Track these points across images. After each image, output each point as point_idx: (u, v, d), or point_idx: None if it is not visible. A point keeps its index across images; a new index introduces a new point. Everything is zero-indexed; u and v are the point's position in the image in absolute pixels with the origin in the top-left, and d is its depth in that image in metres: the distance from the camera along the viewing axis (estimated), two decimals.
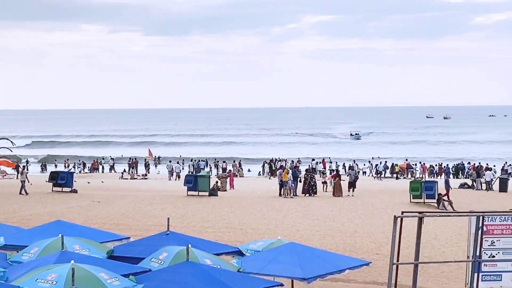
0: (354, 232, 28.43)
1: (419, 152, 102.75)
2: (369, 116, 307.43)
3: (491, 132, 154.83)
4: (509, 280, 13.85)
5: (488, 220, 13.61)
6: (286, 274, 13.83)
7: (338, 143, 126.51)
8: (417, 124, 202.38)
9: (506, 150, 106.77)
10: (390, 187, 50.53)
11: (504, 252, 13.68)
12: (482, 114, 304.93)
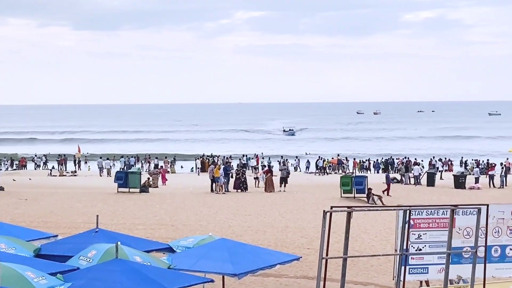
0: (286, 227, 28.59)
1: (351, 147, 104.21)
2: (302, 112, 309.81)
3: (419, 128, 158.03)
4: (436, 273, 14.15)
5: (415, 214, 13.87)
6: (217, 270, 13.80)
7: (271, 139, 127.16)
8: (348, 120, 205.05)
9: (433, 145, 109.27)
10: (321, 182, 51.01)
11: (431, 245, 13.96)
12: (411, 110, 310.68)
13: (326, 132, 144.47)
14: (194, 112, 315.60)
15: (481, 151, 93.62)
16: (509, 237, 15.35)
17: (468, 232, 14.55)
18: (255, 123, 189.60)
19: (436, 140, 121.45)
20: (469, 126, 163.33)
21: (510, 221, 15.39)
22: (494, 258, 15.18)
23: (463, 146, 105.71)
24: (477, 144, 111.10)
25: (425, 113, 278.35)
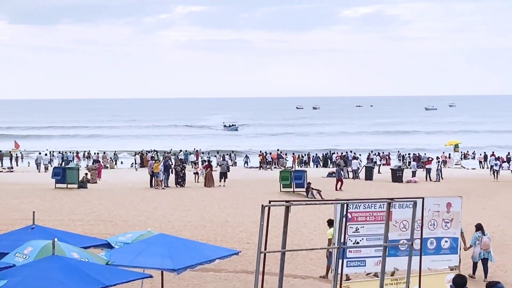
0: (225, 222, 28.61)
1: (291, 142, 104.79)
2: (242, 107, 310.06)
3: (358, 122, 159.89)
4: (373, 265, 14.32)
5: (352, 208, 13.99)
6: (156, 266, 13.71)
7: (212, 135, 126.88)
8: (288, 115, 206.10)
9: (371, 139, 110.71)
10: (261, 177, 51.17)
11: (368, 239, 14.11)
12: (350, 105, 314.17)
13: (267, 128, 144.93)
14: (132, 107, 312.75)
15: (418, 145, 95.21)
16: (444, 229, 15.63)
17: (404, 225, 14.75)
18: (195, 118, 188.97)
19: (374, 134, 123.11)
20: (406, 120, 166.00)
21: (445, 213, 15.68)
22: (429, 251, 15.44)
23: (401, 140, 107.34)
24: (415, 138, 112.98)
25: (363, 107, 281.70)
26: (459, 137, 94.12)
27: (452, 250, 15.74)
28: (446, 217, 15.68)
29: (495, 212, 33.08)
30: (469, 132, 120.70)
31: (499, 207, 34.70)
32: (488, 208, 34.29)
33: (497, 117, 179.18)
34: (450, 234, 15.71)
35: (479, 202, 36.46)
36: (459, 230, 15.93)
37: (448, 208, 15.70)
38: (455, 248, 15.79)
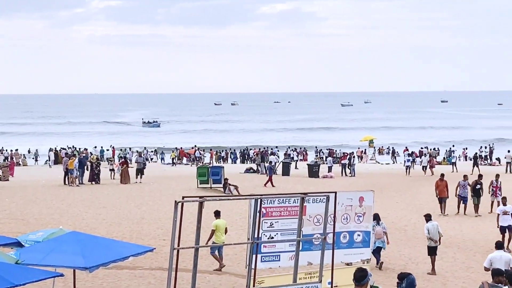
0: (141, 219, 28.30)
1: (210, 138, 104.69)
2: (160, 103, 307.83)
3: (276, 118, 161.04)
4: (287, 260, 14.41)
5: (267, 203, 14.04)
6: (67, 264, 13.41)
7: (133, 132, 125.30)
8: (206, 111, 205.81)
9: (289, 135, 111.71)
10: (178, 173, 50.90)
11: (282, 233, 14.19)
12: (268, 101, 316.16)
13: (187, 124, 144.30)
14: (46, 103, 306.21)
15: (335, 141, 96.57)
16: (357, 223, 15.89)
17: (318, 219, 14.90)
18: (112, 114, 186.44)
19: (292, 130, 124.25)
20: (323, 116, 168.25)
21: (358, 208, 15.93)
22: (342, 244, 15.68)
23: (318, 136, 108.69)
24: (331, 134, 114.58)
25: (281, 103, 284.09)
26: (374, 133, 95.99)
27: (365, 244, 16.02)
28: (359, 211, 15.94)
29: (407, 206, 33.82)
30: (384, 128, 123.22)
31: (411, 201, 35.50)
32: (401, 203, 35.04)
33: (410, 113, 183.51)
34: (363, 228, 15.98)
35: (393, 196, 37.21)
36: (371, 223, 16.23)
37: (360, 202, 15.96)
38: (367, 242, 16.08)
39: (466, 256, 22.82)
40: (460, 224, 28.56)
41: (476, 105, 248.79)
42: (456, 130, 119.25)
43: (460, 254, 23.04)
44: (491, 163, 62.53)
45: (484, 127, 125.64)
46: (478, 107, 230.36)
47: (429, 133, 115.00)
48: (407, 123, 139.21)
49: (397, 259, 22.34)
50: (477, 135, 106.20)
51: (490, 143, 78.79)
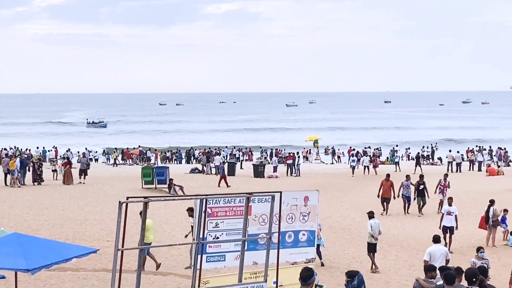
0: (85, 220, 27.95)
1: (157, 139, 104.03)
2: (104, 103, 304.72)
3: (221, 119, 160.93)
4: (232, 260, 14.36)
5: (212, 203, 13.98)
6: (9, 266, 13.16)
7: (76, 132, 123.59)
8: (151, 111, 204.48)
9: (234, 135, 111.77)
10: (123, 174, 50.47)
11: (228, 233, 14.13)
12: (213, 101, 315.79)
13: (131, 125, 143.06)
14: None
15: (280, 140, 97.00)
16: (302, 222, 15.94)
17: (263, 219, 14.90)
18: (56, 114, 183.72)
19: (237, 130, 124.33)
20: (268, 116, 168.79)
21: (303, 207, 15.99)
22: (288, 244, 15.71)
23: (263, 136, 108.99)
24: (276, 134, 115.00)
25: (227, 104, 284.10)
26: (319, 133, 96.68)
27: (309, 243, 16.09)
28: (304, 211, 16.00)
29: (351, 205, 34.16)
30: (329, 128, 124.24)
31: (355, 200, 35.87)
32: (345, 202, 35.38)
33: (354, 113, 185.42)
34: (308, 227, 16.04)
35: (337, 196, 37.56)
36: (316, 223, 16.31)
37: (305, 202, 16.02)
38: (312, 241, 16.15)
39: (409, 254, 23.15)
40: (403, 223, 28.98)
41: (419, 105, 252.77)
42: (399, 130, 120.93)
43: (403, 252, 23.36)
44: (433, 163, 63.60)
45: (426, 127, 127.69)
46: (420, 107, 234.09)
47: (373, 133, 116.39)
48: (351, 123, 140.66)
49: (341, 258, 22.54)
50: (420, 135, 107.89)
51: (433, 143, 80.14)
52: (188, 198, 12.14)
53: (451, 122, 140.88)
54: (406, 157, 68.82)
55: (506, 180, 43.73)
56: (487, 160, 56.63)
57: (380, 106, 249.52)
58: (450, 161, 52.67)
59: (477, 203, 33.01)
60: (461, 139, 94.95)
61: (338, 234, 26.58)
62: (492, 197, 27.84)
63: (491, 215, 24.21)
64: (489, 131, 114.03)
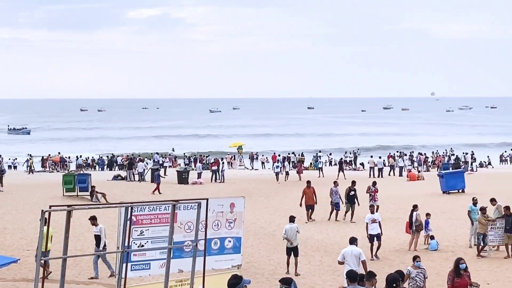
0: (4, 229, 27.22)
1: (77, 146, 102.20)
2: (24, 109, 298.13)
3: (144, 125, 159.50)
4: (158, 268, 14.23)
5: (137, 211, 13.82)
6: None
7: None
8: (73, 117, 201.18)
9: (158, 142, 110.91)
10: (43, 181, 49.38)
11: (153, 241, 14.00)
12: (136, 107, 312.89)
13: (53, 131, 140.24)
14: None
15: (205, 147, 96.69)
16: (228, 229, 15.91)
17: (189, 226, 14.82)
18: None
19: (161, 137, 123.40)
20: (192, 123, 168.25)
21: (229, 214, 15.96)
22: (213, 251, 15.65)
23: (187, 142, 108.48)
24: (200, 140, 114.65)
25: (150, 110, 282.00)
26: (243, 139, 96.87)
27: (235, 250, 16.06)
28: (230, 217, 15.97)
29: (276, 211, 34.29)
30: (253, 134, 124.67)
31: (280, 206, 36.02)
32: (270, 208, 35.50)
33: (278, 119, 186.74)
34: (234, 233, 16.02)
35: (262, 201, 37.66)
36: (242, 229, 16.28)
37: (231, 209, 16.00)
38: (238, 248, 16.13)
39: (333, 259, 23.30)
40: (327, 228, 29.21)
41: (341, 111, 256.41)
42: (322, 137, 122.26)
43: (327, 257, 23.54)
44: (355, 168, 64.53)
45: (349, 133, 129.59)
46: (343, 113, 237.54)
47: (297, 139, 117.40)
48: (275, 129, 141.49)
49: (267, 264, 22.57)
50: (343, 141, 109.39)
51: (355, 148, 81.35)
52: (113, 206, 11.87)
53: (373, 128, 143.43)
54: (328, 163, 69.61)
55: (426, 185, 44.72)
56: (407, 166, 57.78)
57: (304, 112, 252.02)
58: (372, 166, 53.52)
59: (398, 208, 33.66)
60: (384, 145, 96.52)
61: (263, 240, 26.63)
62: (413, 202, 28.48)
63: (414, 220, 24.62)
64: (409, 137, 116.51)
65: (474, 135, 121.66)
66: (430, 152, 74.65)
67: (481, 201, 26.37)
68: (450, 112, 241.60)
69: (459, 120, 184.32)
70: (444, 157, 68.61)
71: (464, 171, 46.02)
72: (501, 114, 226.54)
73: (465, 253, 23.73)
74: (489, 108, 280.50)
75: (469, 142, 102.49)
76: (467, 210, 25.65)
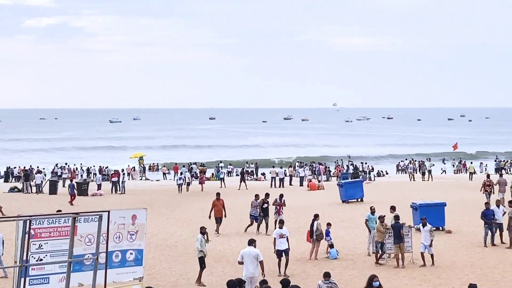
0: None
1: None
2: None
3: (41, 136, 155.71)
4: (57, 282, 13.89)
5: (36, 224, 13.49)
6: None
7: None
8: None
9: (55, 153, 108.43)
10: None
11: (52, 255, 13.68)
12: (33, 118, 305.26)
13: None
14: None
15: (104, 158, 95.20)
16: (129, 241, 15.72)
17: (90, 239, 14.56)
18: None
19: (59, 148, 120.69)
20: (91, 134, 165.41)
21: (130, 226, 15.78)
22: (115, 264, 15.42)
23: (86, 153, 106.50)
24: (100, 151, 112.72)
25: (47, 120, 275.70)
26: (144, 150, 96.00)
27: (137, 262, 15.89)
28: (131, 229, 15.80)
29: (177, 222, 34.14)
30: (155, 146, 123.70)
31: (182, 217, 35.89)
32: (172, 219, 35.30)
33: (179, 130, 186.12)
34: (135, 246, 15.85)
35: (163, 213, 37.41)
36: (144, 241, 16.12)
37: (133, 220, 15.83)
38: (140, 260, 15.95)
39: (235, 270, 23.42)
40: (229, 239, 29.23)
41: (243, 121, 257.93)
42: (223, 147, 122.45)
43: (229, 267, 23.61)
44: (257, 178, 64.99)
45: (251, 144, 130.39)
46: (245, 123, 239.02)
47: (199, 149, 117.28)
48: (177, 140, 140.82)
49: (168, 275, 22.44)
50: (244, 151, 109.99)
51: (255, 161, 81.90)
52: (11, 219, 11.57)
53: (274, 139, 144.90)
54: (229, 173, 69.81)
55: (326, 194, 45.51)
56: (308, 175, 58.61)
57: (206, 122, 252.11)
58: (273, 176, 54.01)
59: (299, 217, 34.10)
60: (286, 157, 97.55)
61: (164, 252, 26.46)
62: (313, 211, 28.93)
63: (315, 229, 24.96)
64: (309, 148, 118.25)
65: (370, 145, 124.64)
66: (330, 162, 75.94)
67: (379, 210, 27.07)
68: (349, 122, 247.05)
69: (356, 130, 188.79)
70: (343, 167, 69.99)
71: (363, 181, 47.07)
72: (397, 124, 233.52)
73: (364, 261, 24.31)
74: (386, 119, 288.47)
75: (366, 152, 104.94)
76: (365, 219, 26.26)
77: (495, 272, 22.11)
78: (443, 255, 24.74)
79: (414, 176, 60.05)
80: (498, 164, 72.42)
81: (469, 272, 22.18)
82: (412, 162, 69.55)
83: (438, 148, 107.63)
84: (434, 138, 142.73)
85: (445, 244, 26.88)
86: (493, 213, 26.53)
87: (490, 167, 72.04)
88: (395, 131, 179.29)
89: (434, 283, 20.93)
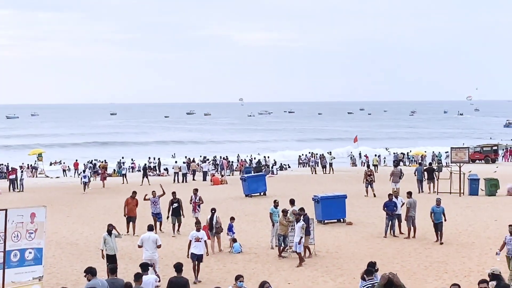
0: None
1: None
2: None
3: None
4: None
5: None
6: None
7: None
8: None
9: None
10: None
11: None
12: None
13: None
14: None
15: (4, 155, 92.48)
16: (28, 240, 15.32)
17: None
18: None
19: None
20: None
21: (29, 224, 15.38)
22: (13, 263, 15.00)
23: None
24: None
25: None
26: (43, 146, 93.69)
27: (37, 261, 15.50)
28: (30, 228, 15.40)
29: (78, 219, 33.52)
30: (53, 142, 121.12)
31: (82, 214, 35.25)
32: (72, 216, 34.64)
33: (79, 127, 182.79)
34: (35, 245, 15.46)
35: (63, 210, 36.67)
36: (43, 240, 15.74)
37: (32, 219, 15.43)
38: (40, 259, 15.57)
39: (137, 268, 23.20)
40: (131, 237, 28.70)
41: (145, 117, 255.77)
42: (126, 144, 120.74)
43: (132, 264, 23.37)
44: (159, 174, 64.60)
45: (155, 140, 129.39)
46: (146, 119, 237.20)
47: (101, 146, 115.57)
48: (77, 137, 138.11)
49: (70, 274, 22.02)
50: (146, 147, 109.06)
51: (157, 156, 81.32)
52: None
53: (179, 134, 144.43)
54: (132, 169, 69.10)
55: (229, 189, 45.68)
56: (211, 170, 58.65)
57: (106, 118, 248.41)
58: (176, 171, 53.77)
59: (202, 212, 34.01)
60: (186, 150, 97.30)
61: (65, 250, 25.94)
62: (217, 206, 28.95)
63: (214, 222, 24.99)
64: (214, 144, 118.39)
65: (271, 140, 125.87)
66: (233, 156, 76.17)
67: (282, 203, 27.36)
68: (252, 117, 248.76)
69: (258, 124, 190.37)
70: (246, 161, 70.42)
71: (265, 175, 47.50)
72: (297, 118, 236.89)
73: (267, 254, 24.53)
74: (287, 113, 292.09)
75: (268, 145, 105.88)
76: (268, 212, 26.50)
77: (394, 262, 22.72)
78: (344, 247, 25.25)
79: (315, 169, 61.03)
80: (396, 156, 74.61)
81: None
82: (314, 155, 70.66)
83: (340, 143, 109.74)
84: (335, 132, 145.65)
85: (346, 236, 27.45)
86: (395, 205, 27.20)
87: (389, 160, 74.11)
88: (297, 125, 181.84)
89: (336, 273, 21.33)
